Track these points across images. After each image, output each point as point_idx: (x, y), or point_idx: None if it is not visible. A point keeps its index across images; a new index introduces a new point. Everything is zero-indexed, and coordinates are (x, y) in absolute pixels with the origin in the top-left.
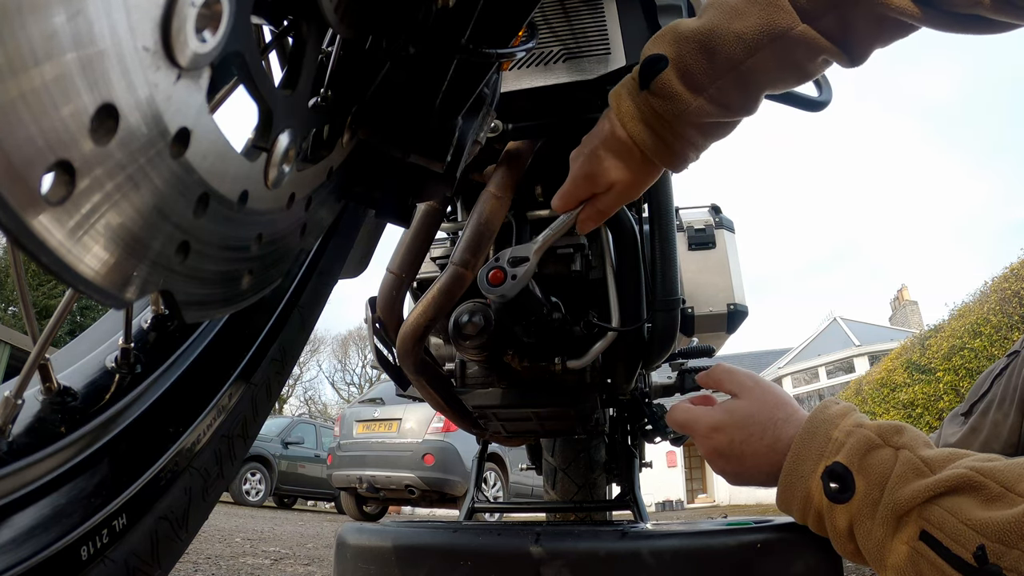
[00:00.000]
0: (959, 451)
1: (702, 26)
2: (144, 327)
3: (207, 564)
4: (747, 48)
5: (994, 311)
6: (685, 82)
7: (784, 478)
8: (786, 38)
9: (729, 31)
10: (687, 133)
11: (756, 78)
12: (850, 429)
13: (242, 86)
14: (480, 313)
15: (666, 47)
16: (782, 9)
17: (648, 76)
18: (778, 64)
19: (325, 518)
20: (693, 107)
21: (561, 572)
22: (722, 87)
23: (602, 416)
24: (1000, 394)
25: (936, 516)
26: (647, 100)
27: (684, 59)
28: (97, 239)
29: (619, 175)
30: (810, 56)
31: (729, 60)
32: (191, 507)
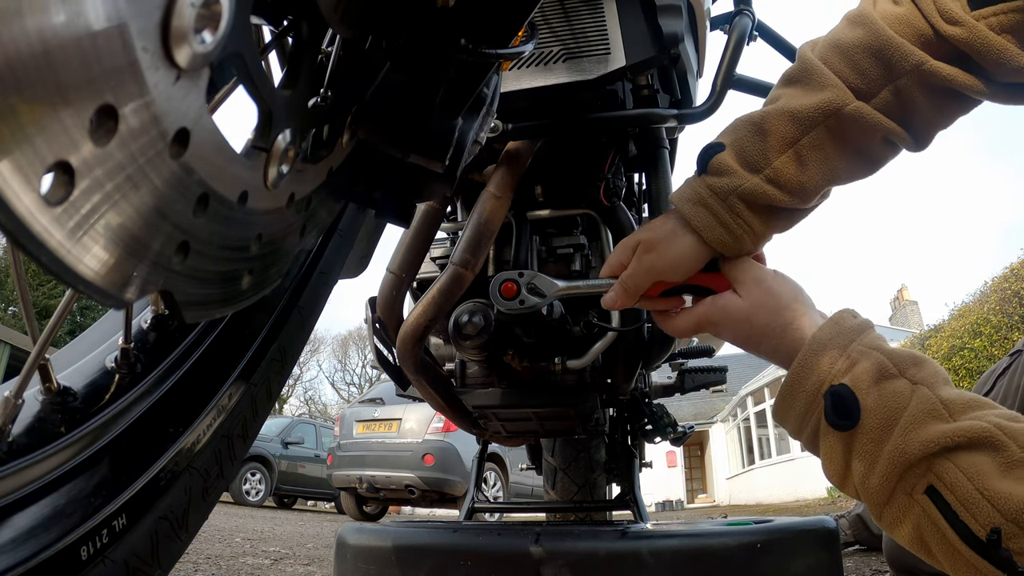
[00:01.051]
0: (982, 399)
1: (761, 111)
2: (144, 327)
3: (207, 564)
4: (800, 126)
5: (994, 311)
6: (741, 161)
7: (784, 389)
8: (840, 115)
9: (783, 112)
10: (744, 213)
11: (813, 159)
12: (864, 350)
13: (242, 86)
14: (480, 313)
15: (724, 136)
16: (836, 88)
17: (705, 160)
18: (834, 144)
19: (325, 518)
20: (748, 184)
21: (561, 572)
22: (778, 167)
23: (602, 416)
24: (1002, 394)
25: (949, 474)
26: (704, 181)
27: (741, 142)
28: (97, 239)
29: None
30: (867, 135)
31: (783, 139)
32: (191, 507)
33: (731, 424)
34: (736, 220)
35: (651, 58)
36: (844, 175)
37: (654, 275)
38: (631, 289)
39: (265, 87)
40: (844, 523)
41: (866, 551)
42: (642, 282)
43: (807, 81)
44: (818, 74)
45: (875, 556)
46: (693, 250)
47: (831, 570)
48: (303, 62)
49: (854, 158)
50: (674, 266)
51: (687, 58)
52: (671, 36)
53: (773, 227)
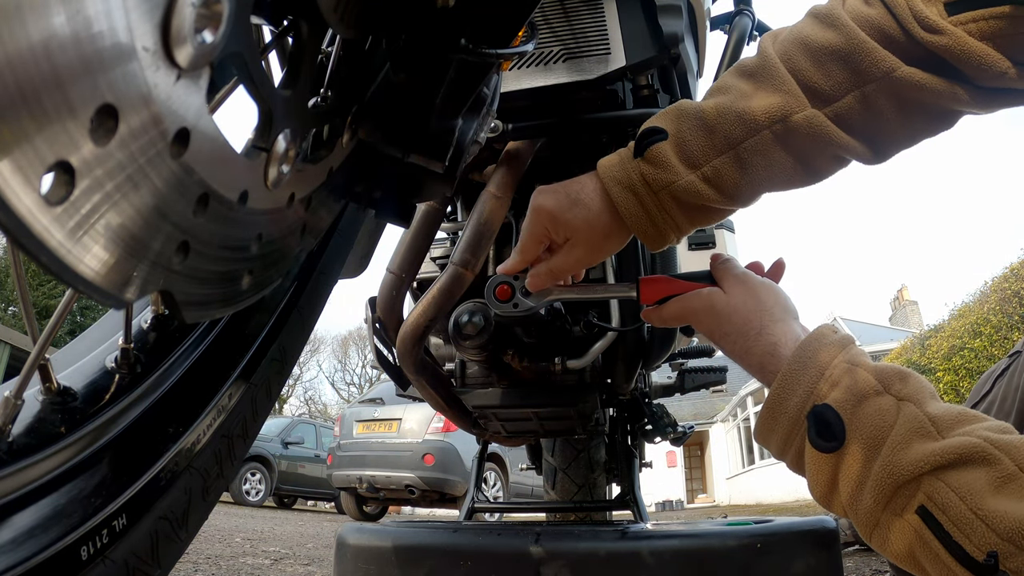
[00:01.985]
0: (970, 413)
1: (706, 105)
2: (144, 327)
3: (207, 564)
4: (747, 128)
5: (994, 311)
6: (680, 156)
7: (766, 410)
8: (788, 122)
9: (731, 110)
10: (671, 209)
11: (754, 163)
12: (847, 367)
13: (242, 86)
14: (480, 313)
15: (667, 122)
16: (789, 93)
17: (643, 145)
18: (778, 150)
19: (325, 518)
20: (683, 181)
21: (561, 572)
22: (717, 167)
23: (602, 416)
24: (1001, 395)
25: (940, 494)
26: (638, 167)
27: (683, 133)
28: (97, 239)
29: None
30: (815, 146)
31: (728, 139)
32: (191, 507)
33: (731, 424)
34: (663, 215)
35: (651, 58)
36: (783, 182)
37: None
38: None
39: (265, 87)
40: (844, 523)
41: (866, 551)
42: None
43: (762, 79)
44: (775, 75)
45: (875, 556)
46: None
47: (831, 570)
48: (303, 62)
49: (796, 166)
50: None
51: (687, 58)
52: (671, 36)
53: (698, 222)
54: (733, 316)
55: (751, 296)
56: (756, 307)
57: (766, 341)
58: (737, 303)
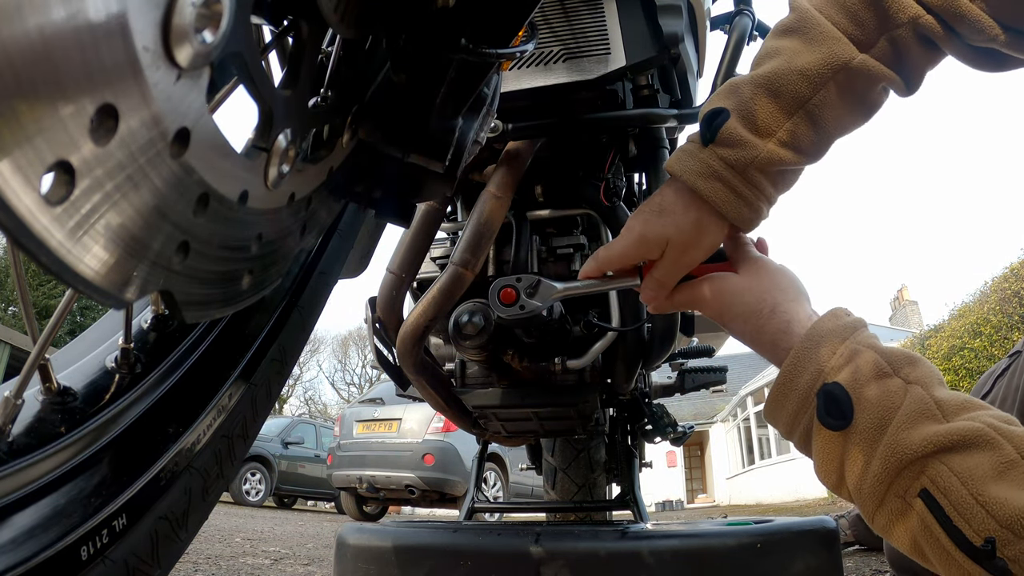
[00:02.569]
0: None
1: (761, 72)
2: (144, 327)
3: (207, 564)
4: (812, 84)
5: (994, 311)
6: (751, 128)
7: (776, 388)
8: (848, 69)
9: (791, 70)
10: (761, 182)
11: (825, 115)
12: (858, 348)
13: (242, 86)
14: (480, 313)
15: (723, 100)
16: (840, 41)
17: (711, 131)
18: (843, 98)
19: (325, 518)
20: (764, 152)
21: (561, 572)
22: (791, 128)
23: (602, 416)
24: (1001, 395)
25: (943, 478)
26: (714, 153)
27: (746, 105)
28: (97, 239)
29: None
30: (870, 86)
31: (796, 98)
32: (191, 507)
33: (731, 424)
34: (755, 192)
35: (651, 58)
36: (850, 127)
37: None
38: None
39: (265, 87)
40: (844, 523)
41: (866, 551)
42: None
43: (806, 33)
44: (817, 25)
45: (875, 556)
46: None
47: (831, 570)
48: (303, 62)
49: (858, 109)
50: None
51: (687, 58)
52: (671, 36)
53: (783, 187)
54: (745, 296)
55: (765, 276)
56: (770, 286)
57: (780, 319)
58: (751, 284)
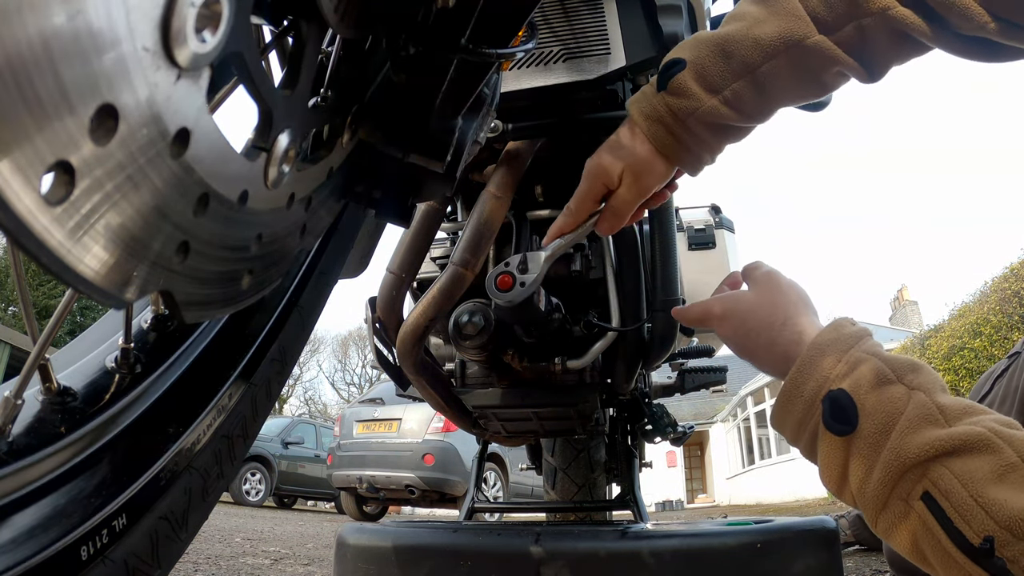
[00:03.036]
0: (978, 405)
1: (722, 32)
2: (144, 327)
3: (207, 564)
4: (763, 53)
5: (994, 311)
6: (701, 83)
7: (783, 395)
8: (801, 46)
9: (747, 36)
10: (701, 132)
11: (771, 85)
12: (862, 356)
13: (242, 86)
14: (480, 313)
15: (685, 52)
16: (800, 19)
17: (665, 78)
18: (793, 72)
19: (325, 518)
20: (707, 106)
21: (561, 572)
22: (737, 90)
23: (602, 416)
24: (1000, 395)
25: (944, 480)
26: (663, 99)
27: (701, 61)
28: (97, 239)
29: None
30: (825, 67)
31: (745, 64)
32: (191, 507)
33: (731, 424)
34: (694, 139)
35: (651, 58)
36: (796, 99)
37: (645, 196)
38: (625, 214)
39: (265, 87)
40: (844, 523)
41: (866, 551)
42: (634, 205)
43: (774, 5)
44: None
45: (875, 556)
46: (667, 167)
47: (831, 570)
48: (303, 62)
49: (807, 84)
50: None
51: None
52: (671, 36)
53: (726, 140)
54: (759, 311)
55: (777, 291)
56: (782, 300)
57: (792, 331)
58: (763, 299)
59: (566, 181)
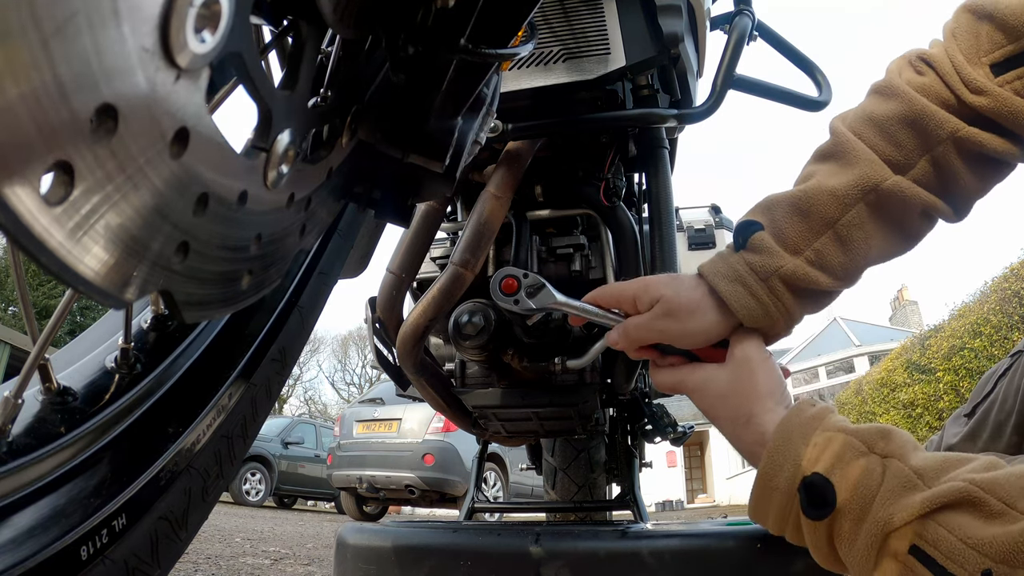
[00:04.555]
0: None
1: (796, 191)
2: (144, 327)
3: (207, 564)
4: (840, 205)
5: (994, 311)
6: (780, 242)
7: (757, 489)
8: (879, 191)
9: (821, 191)
10: (782, 294)
11: (855, 238)
12: (830, 435)
13: (241, 86)
14: (480, 313)
15: (759, 215)
16: (874, 163)
17: (743, 238)
18: (875, 221)
19: (325, 518)
20: (789, 265)
21: (561, 572)
22: (819, 249)
23: (602, 416)
24: (1003, 394)
25: (930, 532)
26: (742, 258)
27: (778, 223)
28: (97, 239)
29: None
30: (906, 210)
31: (824, 219)
32: (191, 507)
33: None
34: (775, 302)
35: (651, 58)
36: (885, 253)
37: (663, 339)
38: (634, 340)
39: (265, 87)
40: None
41: None
42: (648, 339)
43: (841, 157)
44: (853, 149)
45: None
46: (713, 328)
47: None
48: (303, 62)
49: (894, 234)
50: (687, 338)
51: (687, 58)
52: (671, 36)
53: (807, 310)
54: (727, 401)
55: (747, 380)
56: (750, 392)
57: (754, 430)
58: (731, 388)
59: (566, 181)
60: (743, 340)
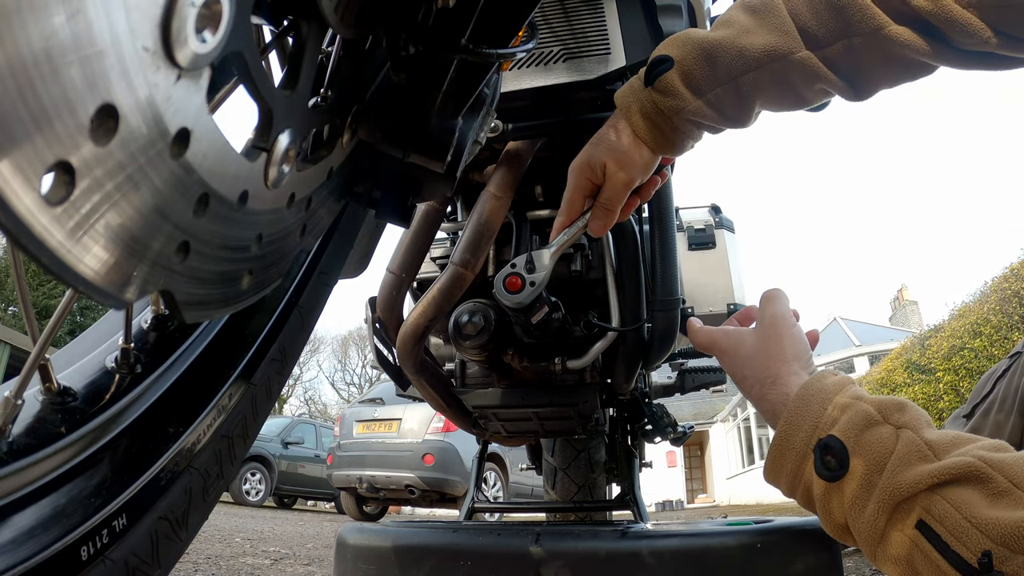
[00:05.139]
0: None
1: (711, 36)
2: (144, 327)
3: (207, 564)
4: (746, 64)
5: (994, 311)
6: (686, 83)
7: (774, 448)
8: (785, 61)
9: (734, 45)
10: (685, 128)
11: (752, 94)
12: (848, 402)
13: (242, 86)
14: (480, 313)
15: (673, 50)
16: (788, 34)
17: (653, 74)
18: (774, 85)
19: (325, 518)
20: (691, 107)
21: (561, 572)
22: (719, 95)
23: (602, 416)
24: (1002, 395)
25: (937, 508)
26: (650, 96)
27: (688, 62)
28: (97, 239)
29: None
30: (807, 82)
31: (728, 72)
32: (191, 507)
33: (731, 424)
34: (678, 134)
35: None
36: (777, 108)
37: (630, 187)
38: (614, 208)
39: (265, 87)
40: None
41: None
42: (621, 197)
43: (763, 16)
44: (776, 14)
45: None
46: (649, 159)
47: (831, 570)
48: (303, 62)
49: (788, 96)
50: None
51: None
52: (671, 36)
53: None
54: (754, 361)
55: (774, 343)
56: (778, 355)
57: (780, 391)
58: (759, 349)
59: (566, 181)
60: (773, 304)
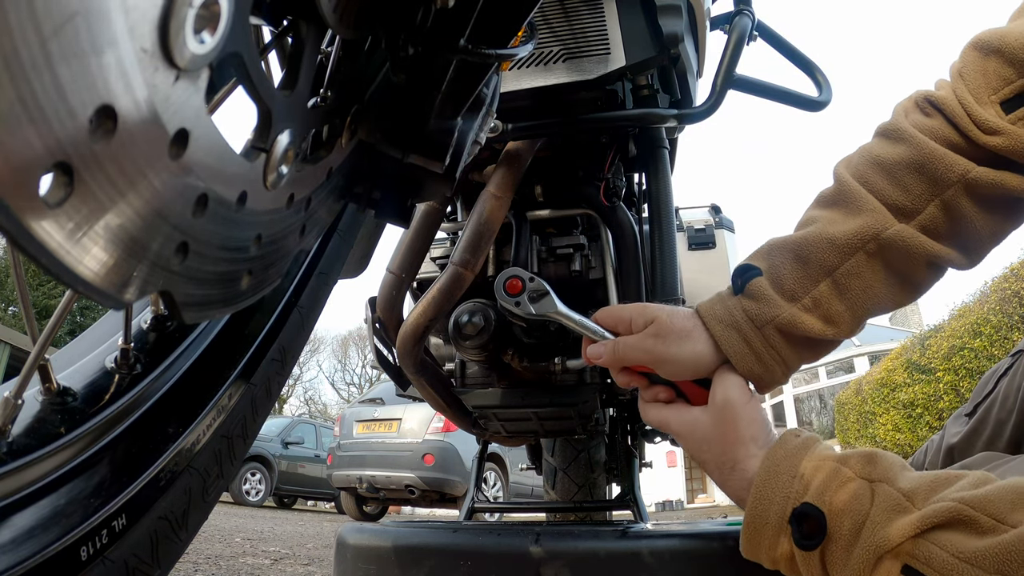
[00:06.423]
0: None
1: (795, 236)
2: (144, 327)
3: (207, 564)
4: (839, 253)
5: (994, 311)
6: (778, 289)
7: (747, 528)
8: (879, 240)
9: (822, 238)
10: (778, 344)
11: (853, 287)
12: (817, 464)
13: (241, 87)
14: (480, 313)
15: (759, 259)
16: (875, 212)
17: (741, 283)
18: (875, 270)
19: (325, 518)
20: (786, 313)
21: (561, 572)
22: (817, 296)
23: (602, 416)
24: (1003, 393)
25: (922, 551)
26: (739, 303)
27: (777, 268)
28: (96, 240)
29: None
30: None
31: (822, 266)
32: (191, 507)
33: None
34: (769, 351)
35: (651, 58)
36: (886, 303)
37: (649, 361)
38: (620, 359)
39: (264, 87)
40: None
41: None
42: (635, 358)
43: (844, 204)
44: (855, 196)
45: None
46: (701, 359)
47: None
48: (303, 62)
49: (896, 284)
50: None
51: (687, 58)
52: (671, 36)
53: (804, 359)
54: (711, 446)
55: (730, 427)
56: (733, 439)
57: (739, 477)
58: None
59: (566, 181)
60: (725, 383)
